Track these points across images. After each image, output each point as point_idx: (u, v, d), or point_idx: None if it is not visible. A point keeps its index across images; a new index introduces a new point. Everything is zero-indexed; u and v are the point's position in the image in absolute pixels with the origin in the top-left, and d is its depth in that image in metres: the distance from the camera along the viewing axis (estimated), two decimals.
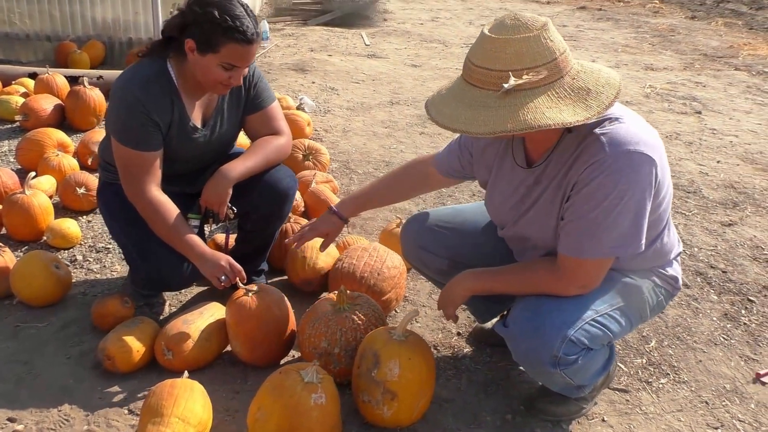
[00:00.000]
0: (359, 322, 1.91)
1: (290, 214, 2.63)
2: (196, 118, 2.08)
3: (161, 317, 2.27)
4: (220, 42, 1.87)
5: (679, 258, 1.82)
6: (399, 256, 2.31)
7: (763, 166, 3.87)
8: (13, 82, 4.32)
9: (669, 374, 2.10)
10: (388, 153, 3.86)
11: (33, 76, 4.38)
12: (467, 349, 2.19)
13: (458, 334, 2.27)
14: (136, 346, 1.97)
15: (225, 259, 1.99)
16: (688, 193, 3.43)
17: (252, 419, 1.65)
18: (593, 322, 1.62)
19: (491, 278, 1.75)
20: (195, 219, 2.11)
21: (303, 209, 2.84)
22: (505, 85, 1.38)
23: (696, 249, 2.88)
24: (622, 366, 2.12)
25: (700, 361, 2.17)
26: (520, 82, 1.39)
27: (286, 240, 2.17)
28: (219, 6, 1.87)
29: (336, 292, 1.98)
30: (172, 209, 2.00)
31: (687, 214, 3.19)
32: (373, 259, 2.25)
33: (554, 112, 1.40)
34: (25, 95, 4.08)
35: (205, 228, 2.29)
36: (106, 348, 1.95)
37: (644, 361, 2.16)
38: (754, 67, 6.48)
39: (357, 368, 1.79)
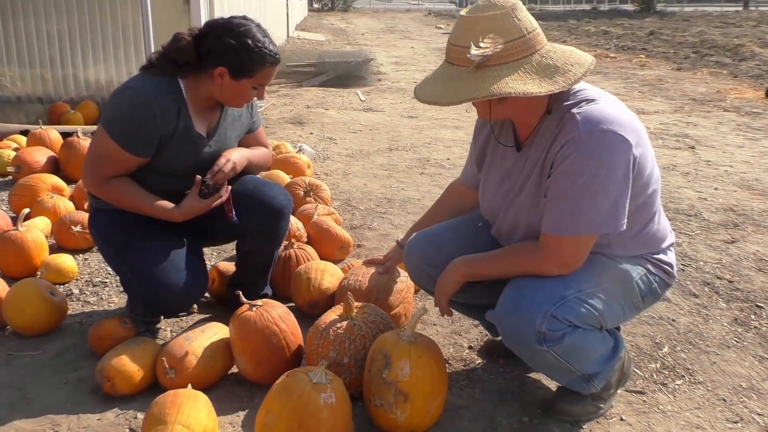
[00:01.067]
0: (367, 329, 1.92)
1: (294, 241, 2.68)
2: (201, 128, 2.16)
3: (162, 343, 2.27)
4: (257, 68, 2.05)
5: (673, 248, 1.87)
6: (406, 273, 2.34)
7: (760, 192, 3.97)
8: (5, 138, 4.41)
9: (684, 376, 2.11)
10: (390, 191, 3.95)
11: (25, 133, 4.47)
12: (479, 361, 2.19)
13: (470, 347, 2.28)
14: (136, 366, 1.95)
15: (192, 202, 2.10)
16: (689, 216, 3.51)
17: (260, 425, 1.63)
18: (576, 300, 1.65)
19: (480, 263, 1.80)
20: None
21: (306, 240, 2.89)
22: (469, 56, 1.51)
23: (701, 263, 2.93)
24: (637, 371, 2.13)
25: (714, 362, 2.18)
26: (483, 51, 1.51)
27: (363, 261, 2.40)
28: (249, 36, 2.04)
29: (342, 303, 2.01)
30: (132, 183, 2.10)
31: (690, 234, 3.25)
32: (379, 273, 2.28)
33: (518, 83, 1.52)
34: (17, 150, 4.14)
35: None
36: (105, 368, 1.94)
37: (658, 365, 2.17)
38: (742, 108, 6.71)
39: (368, 372, 1.80)
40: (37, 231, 2.76)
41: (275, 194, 2.28)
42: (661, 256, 1.81)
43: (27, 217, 2.84)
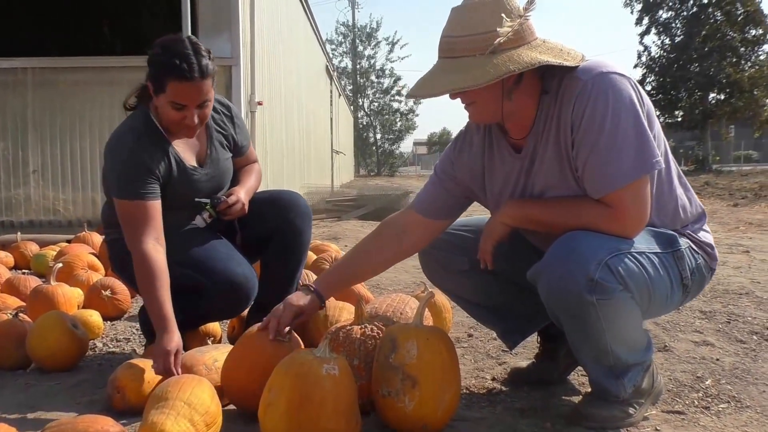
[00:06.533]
0: (378, 332, 1.96)
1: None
2: (191, 160, 2.30)
3: None
4: (165, 80, 2.06)
5: (707, 225, 1.92)
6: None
7: None
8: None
9: (729, 402, 2.02)
10: (420, 277, 4.00)
11: (70, 241, 4.83)
12: (503, 389, 2.15)
13: (493, 379, 2.25)
14: (148, 376, 1.99)
15: (176, 344, 1.98)
16: (740, 295, 3.43)
17: (263, 404, 1.64)
18: (631, 256, 1.66)
19: (539, 206, 1.80)
20: (205, 207, 2.32)
21: None
22: (500, 30, 1.61)
23: (750, 318, 2.86)
24: (677, 398, 2.05)
25: (764, 391, 2.09)
26: (508, 30, 1.62)
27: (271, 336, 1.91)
28: (164, 45, 2.10)
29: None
30: (162, 271, 2.07)
31: (739, 305, 3.18)
32: (396, 301, 2.33)
33: (545, 56, 1.64)
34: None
35: (201, 218, 2.36)
36: (116, 378, 1.98)
37: (700, 395, 2.08)
38: None
39: (376, 362, 1.81)
40: (67, 287, 2.95)
41: (295, 195, 2.49)
42: (701, 236, 1.86)
43: (58, 274, 3.03)
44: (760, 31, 26.89)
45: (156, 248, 2.11)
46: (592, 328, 1.68)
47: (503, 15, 1.64)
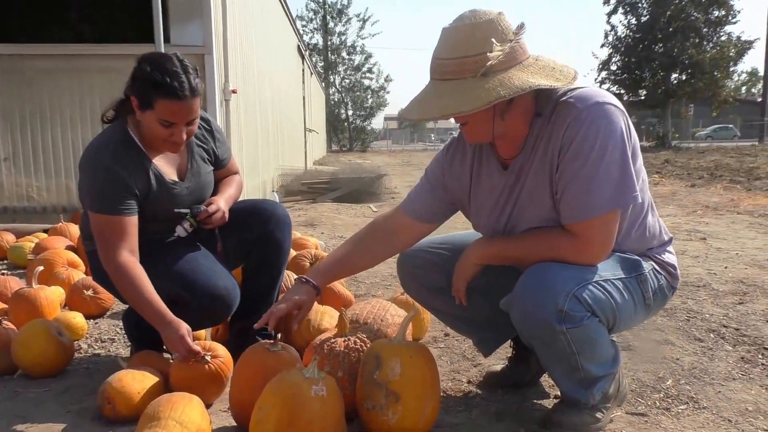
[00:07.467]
0: (362, 344, 2.01)
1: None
2: (172, 174, 2.26)
3: None
4: (154, 98, 2.02)
5: (671, 247, 1.98)
6: (403, 310, 2.45)
7: None
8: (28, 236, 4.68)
9: (688, 403, 2.12)
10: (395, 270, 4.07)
11: (47, 231, 4.76)
12: (478, 392, 2.23)
13: (468, 381, 2.32)
14: (137, 388, 2.01)
15: (186, 329, 2.04)
16: (698, 287, 3.58)
17: (253, 421, 1.68)
18: (597, 285, 1.72)
19: (505, 243, 1.85)
20: (186, 217, 2.28)
21: None
22: (490, 54, 1.60)
23: (707, 315, 2.99)
24: (639, 399, 2.15)
25: (720, 392, 2.20)
26: (498, 54, 1.61)
27: (255, 325, 2.01)
28: (152, 62, 2.05)
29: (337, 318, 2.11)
30: (142, 274, 2.09)
31: (697, 299, 3.31)
32: (377, 308, 2.39)
33: (537, 78, 1.64)
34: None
35: (182, 228, 2.33)
36: (106, 390, 2.00)
37: (661, 395, 2.18)
38: (755, 212, 6.89)
39: (360, 377, 1.86)
40: (49, 289, 2.93)
41: (275, 205, 2.49)
42: (665, 257, 1.92)
43: (40, 277, 3.00)
44: (723, 12, 27.29)
45: (131, 258, 2.12)
46: (563, 352, 1.76)
47: (493, 39, 1.63)
